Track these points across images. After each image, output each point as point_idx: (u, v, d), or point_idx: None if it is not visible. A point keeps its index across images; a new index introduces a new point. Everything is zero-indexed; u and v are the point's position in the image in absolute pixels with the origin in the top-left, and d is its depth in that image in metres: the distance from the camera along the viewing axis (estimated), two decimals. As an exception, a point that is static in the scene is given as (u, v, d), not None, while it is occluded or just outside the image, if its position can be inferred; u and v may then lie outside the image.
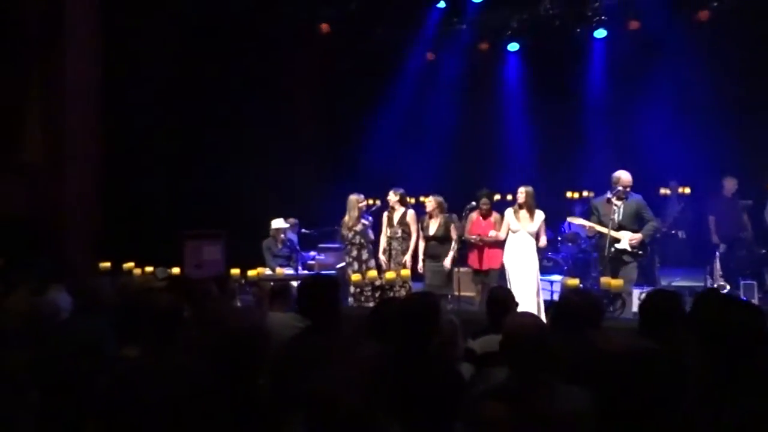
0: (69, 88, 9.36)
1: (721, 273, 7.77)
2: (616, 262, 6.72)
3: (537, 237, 7.22)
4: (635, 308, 6.66)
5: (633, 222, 6.72)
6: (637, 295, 6.77)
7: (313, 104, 11.17)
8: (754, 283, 7.48)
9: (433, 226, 7.56)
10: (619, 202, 6.72)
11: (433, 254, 7.55)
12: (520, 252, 7.20)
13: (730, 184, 8.85)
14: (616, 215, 6.69)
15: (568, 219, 7.56)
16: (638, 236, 6.65)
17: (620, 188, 6.70)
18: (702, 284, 7.93)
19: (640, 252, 6.73)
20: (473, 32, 10.81)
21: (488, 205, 7.54)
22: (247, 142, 10.46)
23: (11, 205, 8.89)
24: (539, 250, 7.31)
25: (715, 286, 7.62)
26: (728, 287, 7.59)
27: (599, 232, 6.78)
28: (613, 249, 6.68)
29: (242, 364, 2.27)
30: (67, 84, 9.34)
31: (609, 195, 6.77)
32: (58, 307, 3.70)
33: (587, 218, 7.12)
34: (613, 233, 6.66)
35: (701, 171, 9.17)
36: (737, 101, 9.30)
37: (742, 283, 7.56)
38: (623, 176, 6.74)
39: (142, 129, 10.08)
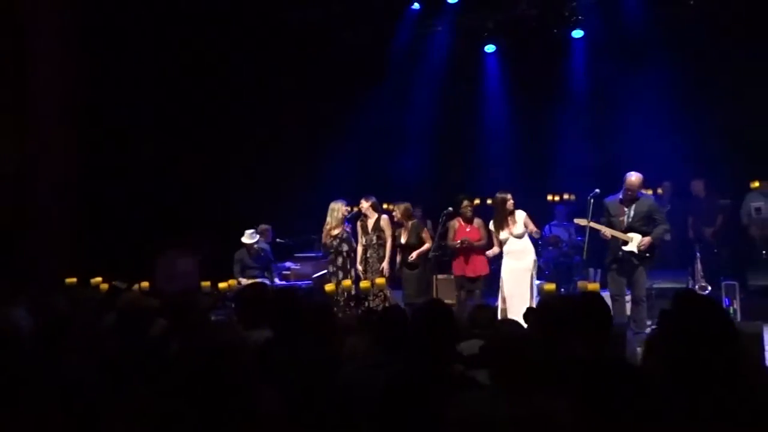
0: (38, 97, 9.26)
1: (702, 274, 7.85)
2: (625, 264, 6.71)
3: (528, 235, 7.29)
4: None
5: (644, 224, 6.69)
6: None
7: (287, 111, 11.11)
8: (735, 283, 7.58)
9: (405, 234, 7.63)
10: (630, 203, 6.72)
11: (412, 263, 7.59)
12: (515, 257, 7.26)
13: (697, 187, 9.06)
14: (626, 217, 6.70)
15: (575, 220, 7.55)
16: (647, 239, 6.62)
17: (629, 191, 6.67)
18: (684, 286, 7.99)
19: (648, 255, 6.68)
20: (450, 34, 10.83)
21: (471, 209, 7.54)
22: (220, 151, 10.40)
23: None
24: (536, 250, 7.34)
25: (697, 287, 7.70)
26: (710, 288, 7.68)
27: (612, 236, 6.72)
28: (621, 251, 6.68)
29: (221, 381, 2.24)
30: (36, 92, 9.25)
31: (620, 196, 6.77)
32: (17, 326, 3.64)
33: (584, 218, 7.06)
34: (621, 235, 6.66)
35: (682, 171, 9.26)
36: (719, 98, 9.38)
37: (723, 283, 7.65)
38: (631, 178, 6.68)
39: (114, 140, 10.02)
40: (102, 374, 2.71)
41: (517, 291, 7.11)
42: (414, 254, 7.54)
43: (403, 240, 7.63)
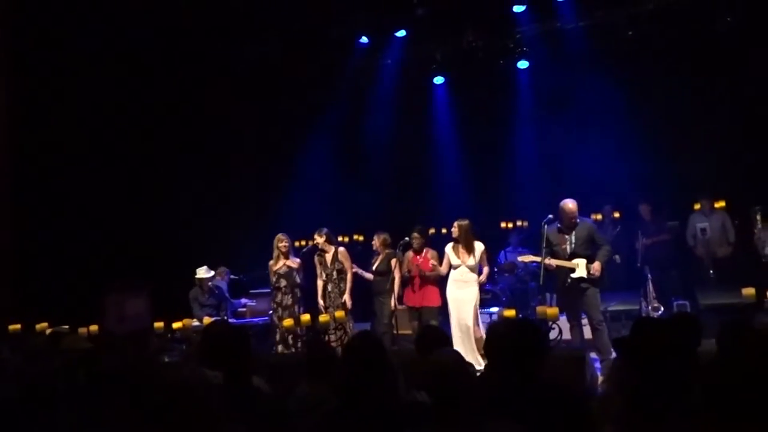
0: None
1: (654, 295, 8.00)
2: (575, 291, 6.68)
3: (480, 270, 7.32)
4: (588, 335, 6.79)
5: (586, 248, 6.70)
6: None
7: (238, 144, 11.01)
8: (686, 302, 7.75)
9: (377, 262, 7.77)
10: (570, 230, 6.74)
11: (380, 290, 7.70)
12: (459, 286, 7.31)
13: (644, 211, 9.31)
14: (568, 244, 6.71)
15: (519, 258, 7.62)
16: (598, 264, 6.60)
17: (568, 219, 6.68)
18: (637, 307, 8.14)
19: (596, 278, 6.64)
20: (398, 66, 10.97)
21: (419, 239, 7.60)
22: (167, 187, 10.21)
23: None
24: (480, 284, 7.39)
25: (650, 308, 7.83)
26: (662, 309, 7.82)
27: (557, 265, 6.70)
28: (569, 279, 6.66)
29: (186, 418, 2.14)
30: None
31: (558, 225, 6.79)
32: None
33: (531, 248, 7.12)
34: (566, 263, 6.66)
35: (630, 195, 9.50)
36: (664, 122, 9.71)
37: (675, 303, 7.82)
38: (568, 205, 6.70)
39: (55, 174, 9.72)
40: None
41: (460, 321, 7.15)
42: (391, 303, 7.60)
43: (374, 267, 7.78)
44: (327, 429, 2.62)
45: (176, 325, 7.01)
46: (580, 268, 6.66)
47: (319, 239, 7.75)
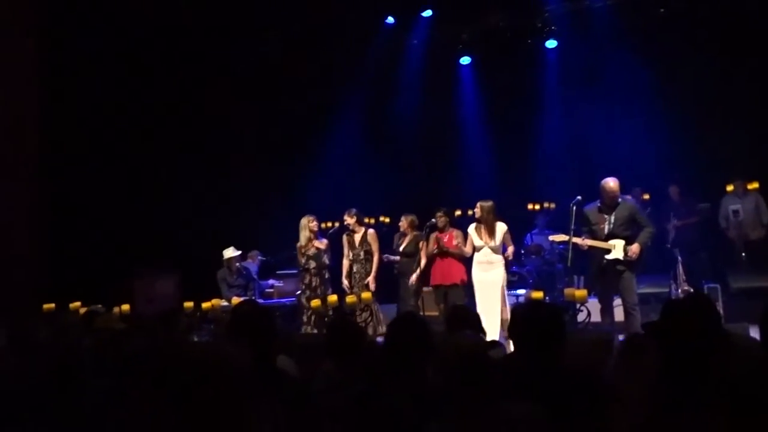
0: (1, 117, 9.02)
1: (684, 278, 7.88)
2: (611, 273, 6.49)
3: (504, 250, 7.26)
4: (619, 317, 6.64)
5: (626, 228, 6.50)
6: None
7: (264, 126, 11.04)
8: (717, 286, 7.62)
9: (404, 242, 7.78)
10: (610, 210, 6.55)
11: (405, 271, 7.69)
12: (484, 268, 7.26)
13: (674, 192, 9.14)
14: (606, 224, 6.52)
15: (550, 237, 7.51)
16: (636, 246, 6.39)
17: (608, 198, 6.51)
18: (667, 290, 8.03)
19: (634, 260, 6.43)
20: (425, 47, 10.87)
21: (443, 218, 7.55)
22: (197, 169, 10.31)
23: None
24: (506, 264, 7.34)
25: (679, 291, 7.72)
26: (692, 292, 7.69)
27: (591, 246, 6.54)
28: (604, 260, 6.49)
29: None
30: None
31: (599, 203, 6.62)
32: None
33: (558, 230, 6.99)
34: (602, 244, 6.50)
35: (660, 176, 9.34)
36: (694, 102, 9.48)
37: (705, 286, 7.70)
38: (609, 184, 6.50)
39: (85, 160, 9.87)
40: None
41: (486, 303, 7.07)
42: (413, 278, 7.57)
43: (401, 248, 7.77)
44: (352, 410, 2.61)
45: (205, 305, 7.11)
46: (617, 249, 6.47)
47: (350, 220, 7.77)
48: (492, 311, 7.01)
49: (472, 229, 7.37)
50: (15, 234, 9.05)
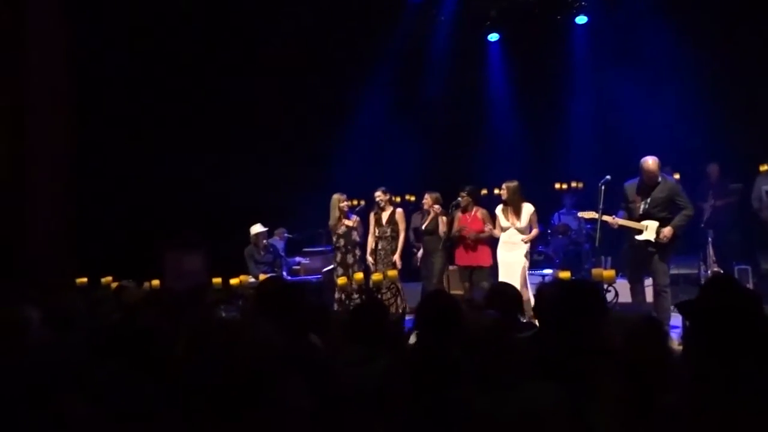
0: (32, 94, 9.05)
1: (714, 259, 7.75)
2: (642, 253, 6.38)
3: (530, 231, 7.28)
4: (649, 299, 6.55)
5: (663, 210, 6.34)
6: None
7: (291, 102, 11.00)
8: (748, 267, 7.49)
9: (427, 221, 7.76)
10: (649, 189, 6.41)
11: (429, 249, 7.71)
12: (508, 248, 7.29)
13: (713, 171, 8.92)
14: (642, 203, 6.40)
15: (579, 214, 7.40)
16: (669, 230, 6.24)
17: (647, 177, 6.37)
18: (696, 271, 7.91)
19: (666, 243, 6.29)
20: (452, 23, 10.72)
21: (467, 198, 7.51)
22: (225, 145, 10.35)
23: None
24: (525, 242, 7.28)
25: (709, 272, 7.60)
26: (722, 273, 7.56)
27: (621, 225, 6.45)
28: (636, 240, 6.39)
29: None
30: (30, 89, 9.04)
31: (637, 181, 6.49)
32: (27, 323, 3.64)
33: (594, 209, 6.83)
34: (633, 224, 6.40)
35: (691, 155, 9.14)
36: (728, 79, 9.25)
37: (736, 268, 7.57)
38: (648, 163, 6.33)
39: (116, 136, 9.96)
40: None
41: (508, 281, 6.96)
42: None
43: (423, 226, 7.79)
44: (376, 386, 2.62)
45: (233, 281, 7.17)
46: (649, 230, 6.35)
47: (384, 197, 7.78)
48: None
49: (499, 210, 7.40)
50: (45, 208, 9.19)
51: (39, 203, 9.13)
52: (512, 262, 7.19)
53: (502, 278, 7.15)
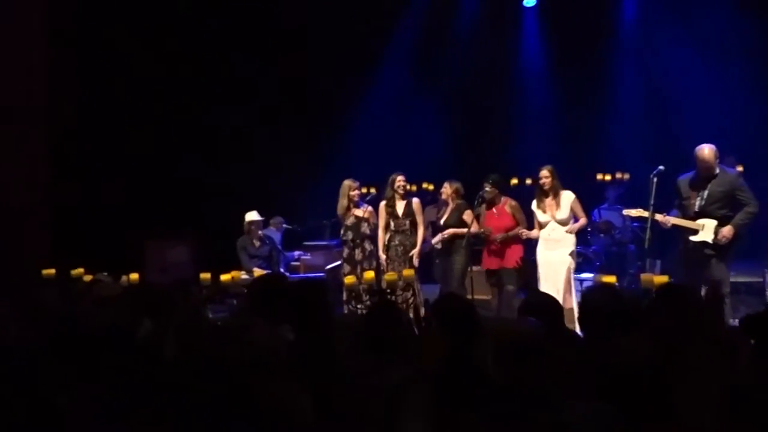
0: (7, 74, 9.16)
1: (783, 266, 7.61)
2: (697, 256, 6.22)
3: (574, 222, 7.03)
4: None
5: (722, 206, 6.20)
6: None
7: (291, 80, 10.92)
8: (823, 276, 7.34)
9: (446, 214, 7.50)
10: (704, 183, 6.26)
11: (448, 247, 7.41)
12: (550, 246, 7.02)
13: None
14: (698, 199, 6.25)
15: (625, 211, 7.23)
16: (728, 229, 6.11)
17: (702, 168, 6.19)
18: (761, 279, 7.78)
19: (725, 244, 6.13)
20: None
21: (491, 190, 7.29)
22: (214, 127, 10.35)
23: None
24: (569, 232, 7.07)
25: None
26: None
27: (675, 225, 6.29)
28: (690, 242, 6.24)
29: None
30: (4, 69, 9.16)
31: (692, 174, 6.33)
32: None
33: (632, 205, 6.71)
34: (687, 223, 6.26)
35: (757, 143, 8.99)
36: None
37: (808, 277, 7.42)
38: (703, 152, 6.17)
39: (93, 116, 10.03)
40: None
41: (551, 286, 6.81)
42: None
43: (442, 220, 7.50)
44: (387, 400, 2.64)
45: (224, 277, 7.09)
46: (705, 230, 6.20)
47: (401, 181, 7.49)
48: (556, 296, 6.81)
49: (534, 206, 7.14)
50: (14, 191, 9.20)
51: (14, 189, 9.19)
52: (555, 261, 6.91)
53: (543, 281, 6.94)
